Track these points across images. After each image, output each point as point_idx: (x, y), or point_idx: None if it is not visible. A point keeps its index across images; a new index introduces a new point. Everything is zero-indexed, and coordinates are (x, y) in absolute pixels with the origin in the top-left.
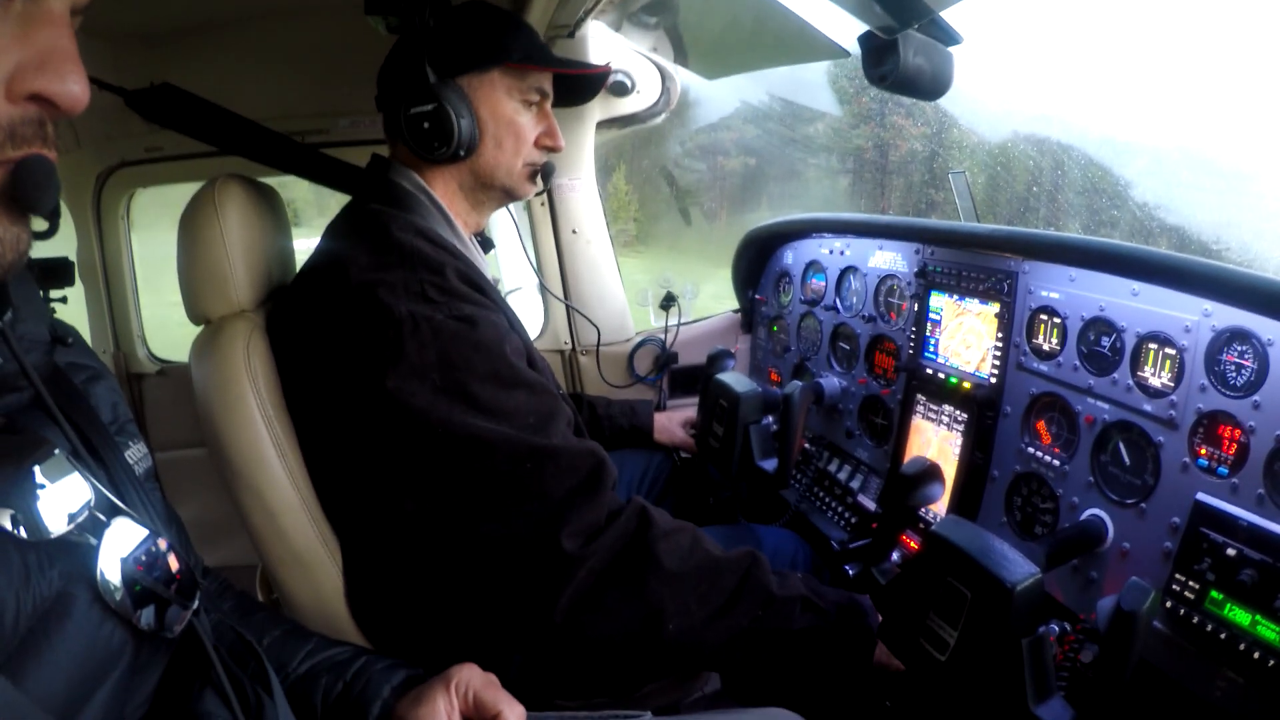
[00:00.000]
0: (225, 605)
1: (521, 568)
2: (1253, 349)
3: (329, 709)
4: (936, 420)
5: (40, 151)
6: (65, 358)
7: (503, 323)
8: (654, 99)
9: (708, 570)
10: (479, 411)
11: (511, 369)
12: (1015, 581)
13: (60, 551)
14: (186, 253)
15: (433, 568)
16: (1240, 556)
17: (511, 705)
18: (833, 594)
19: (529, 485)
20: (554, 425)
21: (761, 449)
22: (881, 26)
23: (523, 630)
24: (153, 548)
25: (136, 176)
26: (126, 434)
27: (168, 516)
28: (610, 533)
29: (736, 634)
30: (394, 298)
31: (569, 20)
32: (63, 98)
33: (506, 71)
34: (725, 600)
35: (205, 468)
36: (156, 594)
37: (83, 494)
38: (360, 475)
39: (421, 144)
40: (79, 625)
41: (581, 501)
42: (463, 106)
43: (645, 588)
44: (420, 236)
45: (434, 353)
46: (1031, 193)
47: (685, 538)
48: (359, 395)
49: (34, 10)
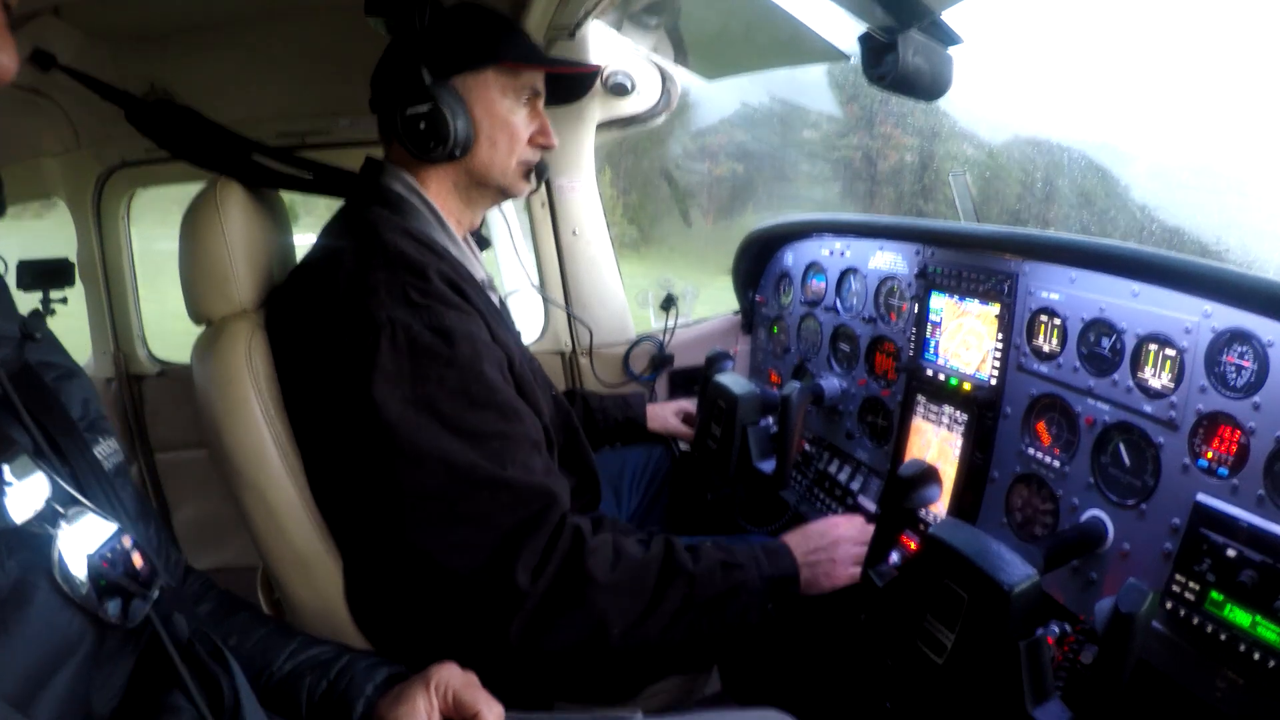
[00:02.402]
0: (205, 607)
1: (475, 597)
2: (1253, 350)
3: (314, 707)
4: (937, 421)
5: None
6: (36, 356)
7: (482, 334)
8: (654, 100)
9: (633, 570)
10: (445, 429)
11: (485, 388)
12: (1012, 584)
13: (19, 542)
14: (188, 253)
15: (421, 571)
16: (1240, 557)
17: (490, 705)
18: (745, 548)
19: (481, 514)
20: (518, 453)
21: (760, 450)
22: (881, 27)
23: (479, 649)
24: (117, 545)
25: (136, 176)
26: (97, 430)
27: (140, 511)
28: (554, 560)
29: (675, 618)
30: (376, 301)
31: (569, 21)
32: None
33: (500, 71)
34: (653, 593)
35: (205, 469)
36: (121, 587)
37: (43, 490)
38: (346, 476)
39: (417, 144)
40: (38, 613)
41: (528, 536)
42: (458, 106)
43: (585, 601)
44: (407, 237)
45: (408, 364)
46: (1024, 204)
47: (608, 549)
48: (340, 399)
49: None
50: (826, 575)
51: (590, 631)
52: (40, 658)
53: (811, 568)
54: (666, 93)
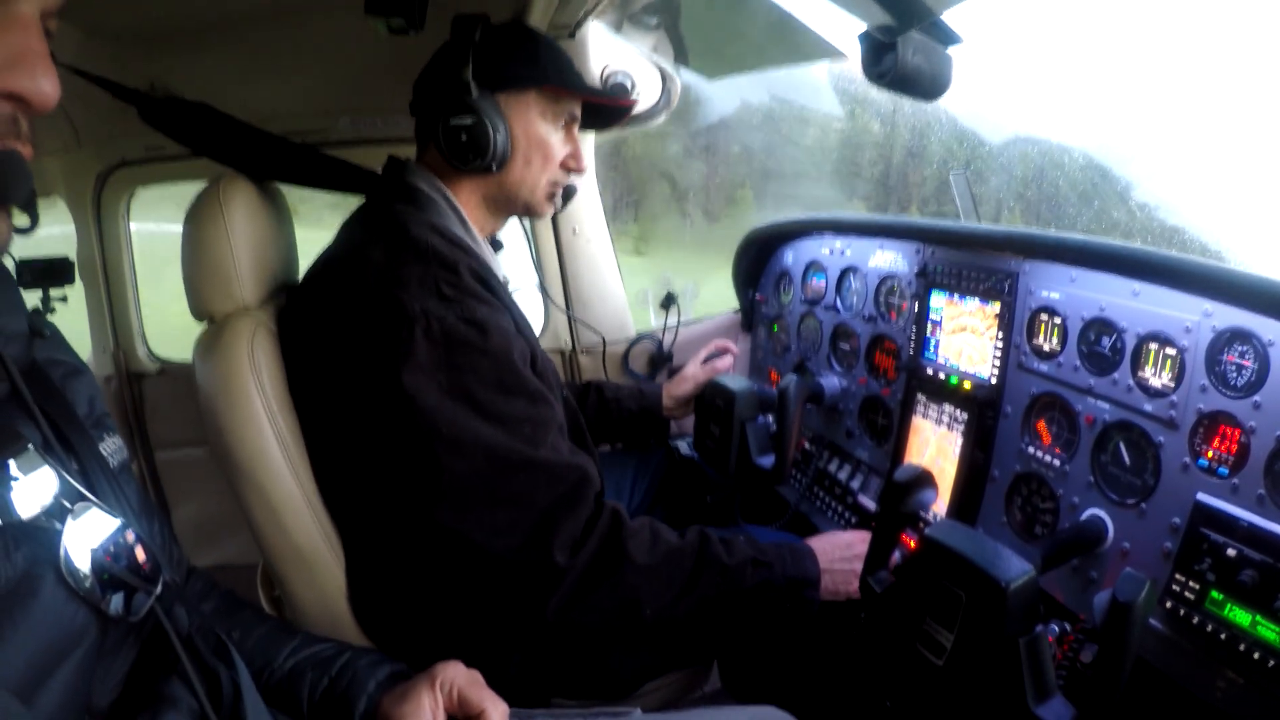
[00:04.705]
0: (208, 605)
1: (513, 577)
2: (1253, 349)
3: (315, 705)
4: (937, 420)
5: (13, 146)
6: (43, 353)
7: (510, 326)
8: (654, 99)
9: (670, 556)
10: (481, 416)
11: (515, 376)
12: (1009, 580)
13: (26, 536)
14: (191, 250)
15: (432, 568)
16: (1240, 557)
17: (495, 703)
18: (773, 547)
19: (519, 494)
20: (548, 435)
21: (759, 446)
22: (881, 27)
23: (517, 629)
24: (120, 540)
25: (137, 175)
26: (103, 427)
27: (143, 508)
28: (592, 539)
29: (703, 604)
30: (409, 294)
31: (569, 21)
32: (34, 95)
33: (543, 94)
34: (688, 579)
35: (206, 467)
36: (124, 581)
37: (51, 485)
38: (365, 471)
39: (456, 153)
40: (44, 605)
41: (566, 513)
42: (500, 122)
43: (623, 582)
44: (436, 233)
45: (443, 354)
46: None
47: (647, 532)
48: (371, 390)
49: (4, 14)
50: (846, 583)
51: (623, 612)
52: (44, 650)
53: (833, 574)
54: (666, 92)
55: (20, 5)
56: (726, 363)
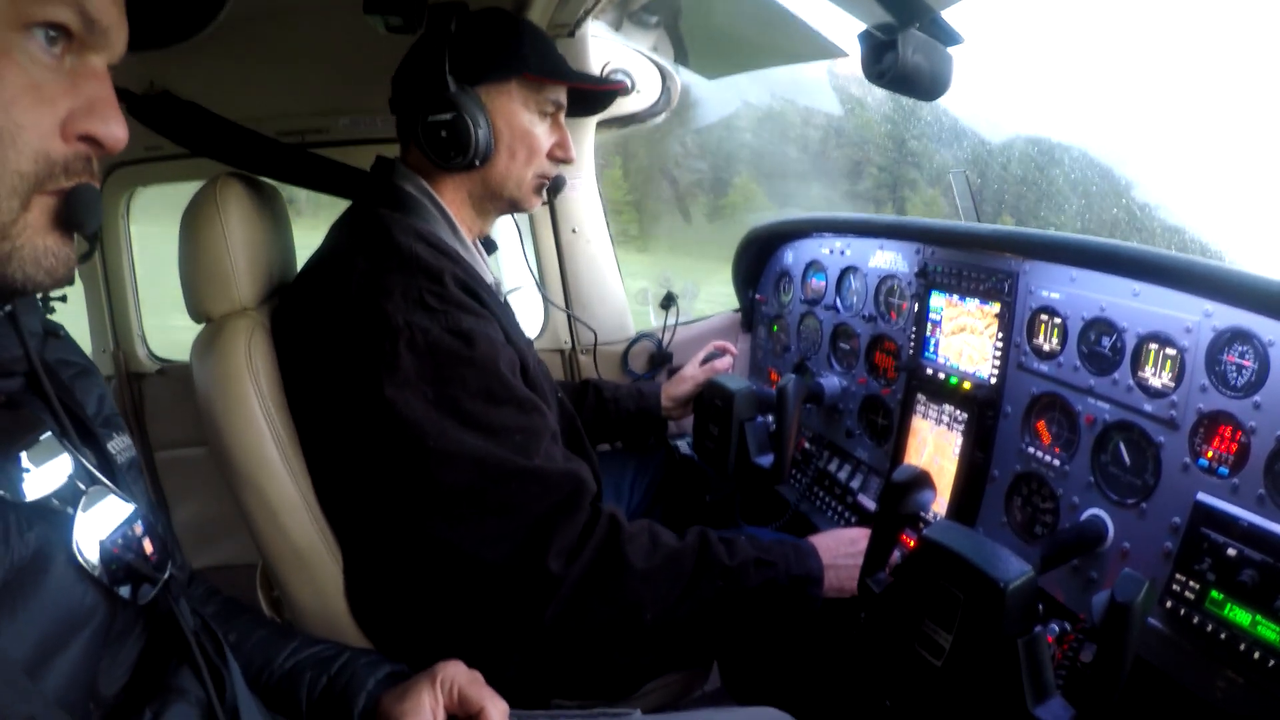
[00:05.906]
0: (210, 609)
1: (509, 585)
2: (1253, 349)
3: (314, 704)
4: (937, 420)
5: (87, 181)
6: (54, 354)
7: (498, 335)
8: (654, 98)
9: (670, 560)
10: (469, 427)
11: (503, 385)
12: (1007, 580)
13: (38, 517)
14: (188, 251)
15: (429, 573)
16: (1240, 557)
17: (495, 702)
18: (776, 545)
19: (511, 504)
20: (540, 444)
21: (758, 445)
22: (881, 25)
23: (514, 636)
24: (129, 531)
25: (136, 175)
26: (111, 426)
27: (148, 506)
28: (589, 547)
29: (704, 607)
30: (392, 305)
31: (569, 19)
32: (107, 138)
33: (524, 83)
34: (688, 582)
35: (205, 467)
36: (133, 570)
37: (65, 468)
38: (357, 479)
39: (438, 151)
40: (54, 582)
41: (561, 521)
42: (480, 116)
43: (623, 588)
44: (421, 241)
45: (429, 366)
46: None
47: (645, 536)
48: (355, 401)
49: (80, 66)
50: (850, 579)
51: (625, 616)
52: (53, 627)
53: (836, 571)
54: (666, 91)
55: (93, 59)
56: (725, 363)
